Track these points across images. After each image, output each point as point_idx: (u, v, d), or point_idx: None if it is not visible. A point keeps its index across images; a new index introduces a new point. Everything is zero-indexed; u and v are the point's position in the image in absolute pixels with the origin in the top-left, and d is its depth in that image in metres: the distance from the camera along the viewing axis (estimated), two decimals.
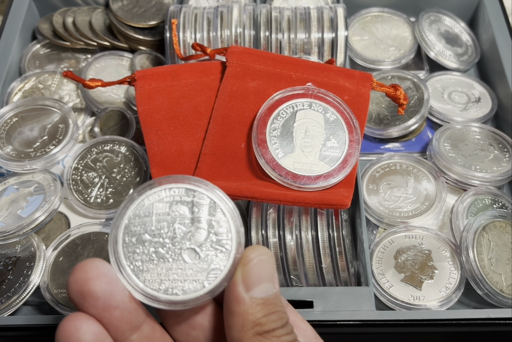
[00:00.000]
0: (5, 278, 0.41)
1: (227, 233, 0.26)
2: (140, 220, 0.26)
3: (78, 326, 0.23)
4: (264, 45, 0.50)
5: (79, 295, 0.23)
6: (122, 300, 0.24)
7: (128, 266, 0.25)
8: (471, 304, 0.43)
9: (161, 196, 0.26)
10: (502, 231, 0.43)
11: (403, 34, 0.59)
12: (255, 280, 0.24)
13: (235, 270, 0.25)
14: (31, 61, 0.56)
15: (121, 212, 0.26)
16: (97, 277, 0.23)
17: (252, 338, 0.23)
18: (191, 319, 0.26)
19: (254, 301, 0.24)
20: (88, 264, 0.24)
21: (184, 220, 0.26)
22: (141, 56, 0.56)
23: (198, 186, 0.26)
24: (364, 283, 0.40)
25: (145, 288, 0.25)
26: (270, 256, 0.25)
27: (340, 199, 0.38)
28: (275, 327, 0.24)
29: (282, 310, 0.25)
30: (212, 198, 0.26)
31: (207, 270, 0.25)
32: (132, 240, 0.25)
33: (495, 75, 0.55)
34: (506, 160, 0.48)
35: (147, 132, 0.41)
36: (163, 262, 0.25)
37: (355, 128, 0.39)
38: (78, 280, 0.23)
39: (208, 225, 0.26)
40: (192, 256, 0.25)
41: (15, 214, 0.43)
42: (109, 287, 0.23)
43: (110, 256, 0.25)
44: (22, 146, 0.48)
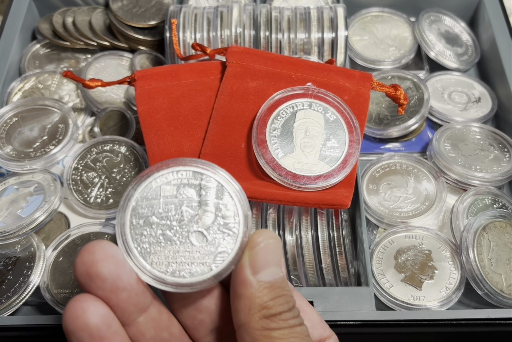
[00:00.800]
0: (5, 278, 0.41)
1: (235, 217, 0.25)
2: (147, 202, 0.25)
3: (85, 307, 0.23)
4: (264, 45, 0.50)
5: (86, 277, 0.23)
6: (129, 282, 0.24)
7: (135, 248, 0.25)
8: (471, 304, 0.42)
9: (169, 178, 0.26)
10: (502, 231, 0.43)
11: (403, 34, 0.59)
12: (262, 263, 0.24)
13: (242, 253, 0.25)
14: (31, 61, 0.56)
15: (129, 194, 0.26)
16: (104, 258, 0.23)
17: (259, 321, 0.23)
18: (197, 302, 0.26)
19: (261, 285, 0.24)
20: (96, 245, 0.23)
21: (191, 203, 0.26)
22: (141, 56, 0.56)
23: (206, 169, 0.26)
24: (364, 283, 0.40)
25: (152, 270, 0.25)
26: (277, 240, 0.25)
27: (340, 199, 0.38)
28: (282, 310, 0.24)
29: (289, 293, 0.25)
30: (219, 181, 0.26)
31: (214, 253, 0.25)
32: (140, 222, 0.25)
33: (495, 75, 0.55)
34: (506, 160, 0.48)
35: (147, 132, 0.41)
36: (170, 245, 0.25)
37: (355, 128, 0.39)
38: (85, 262, 0.23)
39: (216, 208, 0.25)
40: (199, 239, 0.25)
41: (15, 214, 0.43)
42: (116, 269, 0.23)
43: (118, 238, 0.25)
44: (22, 146, 0.48)
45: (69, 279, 0.42)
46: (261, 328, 0.23)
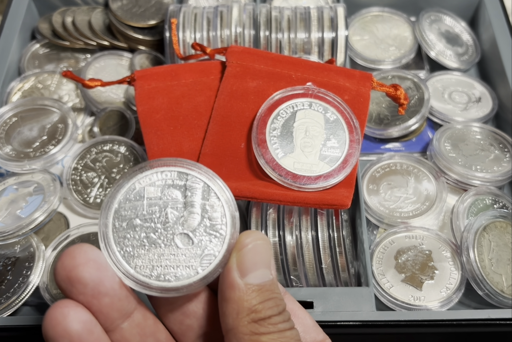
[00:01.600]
0: (4, 278, 0.41)
1: (222, 218, 0.25)
2: (130, 204, 0.25)
3: (66, 314, 0.22)
4: (264, 45, 0.50)
5: (66, 282, 0.22)
6: (111, 286, 0.23)
7: (118, 252, 0.24)
8: (472, 304, 0.42)
9: (153, 179, 0.25)
10: (502, 231, 0.43)
11: (403, 33, 0.59)
12: (250, 265, 0.23)
13: (230, 255, 0.24)
14: (31, 61, 0.56)
15: (111, 196, 0.25)
16: (85, 262, 0.22)
17: (247, 325, 0.23)
18: (184, 307, 0.25)
19: (250, 288, 0.23)
20: (76, 249, 0.23)
21: (176, 204, 0.25)
22: (140, 56, 0.55)
23: (191, 169, 0.25)
24: (365, 283, 0.40)
25: (136, 274, 0.24)
26: (266, 241, 0.24)
27: (340, 199, 0.38)
28: (271, 314, 0.23)
29: (278, 297, 0.24)
30: (205, 182, 0.25)
31: (201, 256, 0.24)
32: (123, 224, 0.24)
33: (496, 75, 0.55)
34: (507, 161, 0.48)
35: (147, 132, 0.41)
36: (154, 248, 0.24)
37: (355, 128, 0.39)
38: (66, 266, 0.22)
39: (202, 210, 0.25)
40: (185, 242, 0.24)
41: (14, 214, 0.43)
42: (98, 273, 0.23)
43: (100, 241, 0.24)
44: (22, 146, 0.47)
45: None
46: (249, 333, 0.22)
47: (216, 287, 0.25)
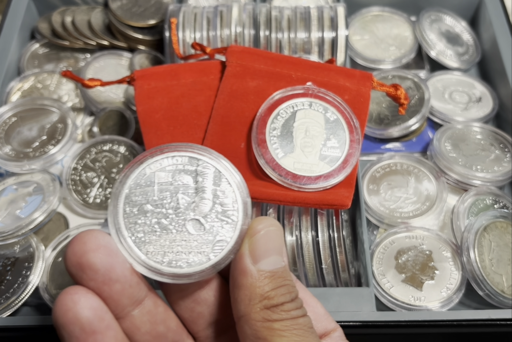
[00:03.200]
0: (4, 278, 0.41)
1: (233, 204, 0.24)
2: (141, 189, 0.24)
3: (76, 300, 0.21)
4: (264, 44, 0.50)
5: (77, 267, 0.22)
6: (123, 273, 0.23)
7: (129, 237, 0.24)
8: (472, 304, 0.42)
9: (163, 164, 0.25)
10: (503, 231, 0.43)
11: (403, 33, 0.59)
12: (262, 252, 0.23)
13: (241, 241, 0.24)
14: (30, 61, 0.56)
15: (121, 181, 0.24)
16: (96, 248, 0.22)
17: (259, 312, 0.22)
18: (195, 294, 0.25)
19: (262, 274, 0.23)
20: (87, 235, 0.22)
21: (187, 190, 0.24)
22: (140, 55, 0.55)
23: (202, 154, 0.25)
24: (365, 283, 0.40)
25: (148, 260, 0.23)
26: (278, 228, 0.24)
27: (340, 199, 0.38)
28: (284, 300, 0.23)
29: (291, 284, 0.24)
30: (216, 167, 0.25)
31: (213, 242, 0.24)
32: (133, 210, 0.24)
33: (496, 74, 0.55)
34: (507, 161, 0.48)
35: (146, 132, 0.41)
36: (166, 234, 0.24)
37: (355, 128, 0.39)
38: (76, 252, 0.22)
39: (213, 195, 0.24)
40: (196, 227, 0.24)
41: (13, 214, 0.43)
42: (109, 259, 0.22)
43: (110, 227, 0.24)
44: (21, 146, 0.47)
45: (69, 279, 0.41)
46: (262, 320, 0.22)
47: (227, 274, 0.25)
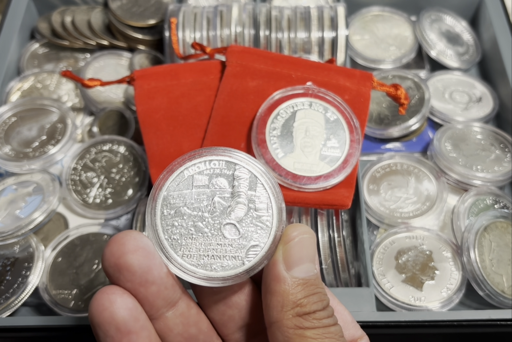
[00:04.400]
0: (4, 278, 0.41)
1: (268, 209, 0.25)
2: (179, 192, 0.25)
3: (113, 300, 0.22)
4: (264, 44, 0.50)
5: (114, 268, 0.22)
6: (159, 275, 0.23)
7: (166, 240, 0.24)
8: (472, 305, 0.42)
9: (201, 168, 0.25)
10: (503, 231, 0.43)
11: (404, 33, 0.59)
12: (296, 259, 0.23)
13: (275, 248, 0.24)
14: (30, 61, 0.56)
15: (160, 183, 0.25)
16: (135, 250, 0.22)
17: (292, 319, 0.22)
18: (227, 298, 0.25)
19: (295, 281, 0.23)
20: (126, 236, 0.22)
21: (224, 194, 0.25)
22: (140, 55, 0.55)
23: (239, 159, 0.25)
24: (365, 284, 0.40)
25: (183, 263, 0.24)
26: (312, 235, 0.24)
27: (340, 199, 0.38)
28: (316, 309, 0.23)
29: (323, 292, 0.24)
30: (253, 172, 0.25)
31: (247, 247, 0.24)
32: (171, 212, 0.24)
33: (497, 74, 0.55)
34: (508, 161, 0.48)
35: (146, 132, 0.41)
36: (202, 237, 0.24)
37: (355, 128, 0.39)
38: (114, 253, 0.22)
39: (249, 200, 0.25)
40: (231, 232, 0.24)
41: (13, 215, 0.43)
42: (146, 261, 0.22)
43: (148, 229, 0.24)
44: (21, 146, 0.47)
45: (68, 279, 0.41)
46: (294, 327, 0.22)
47: (258, 279, 0.25)
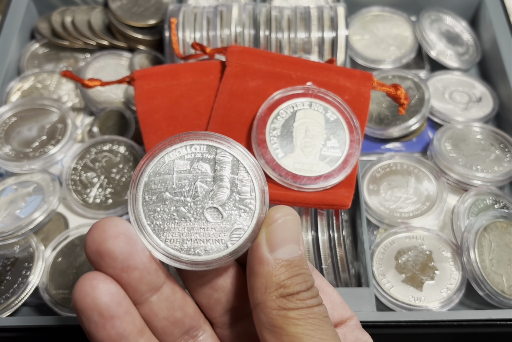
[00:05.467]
0: (4, 278, 0.41)
1: (251, 192, 0.25)
2: (160, 177, 0.25)
3: (95, 285, 0.22)
4: (264, 44, 0.50)
5: (96, 255, 0.22)
6: (141, 260, 0.23)
7: (148, 225, 0.24)
8: (472, 305, 0.42)
9: (182, 152, 0.25)
10: (503, 231, 0.43)
11: (403, 33, 0.59)
12: (279, 240, 0.23)
13: (259, 230, 0.24)
14: (30, 61, 0.56)
15: (141, 169, 0.25)
16: (116, 236, 0.22)
17: (275, 300, 0.22)
18: (213, 281, 0.26)
19: (278, 263, 0.23)
20: (107, 222, 0.23)
21: (206, 178, 0.25)
22: (140, 55, 0.55)
23: (220, 143, 0.25)
24: (365, 283, 0.40)
25: (167, 248, 0.24)
26: (295, 217, 0.24)
27: (340, 199, 0.38)
28: (299, 289, 0.23)
29: (307, 272, 0.24)
30: (235, 156, 0.25)
31: (230, 230, 0.24)
32: (152, 198, 0.24)
33: (497, 74, 0.55)
34: (507, 161, 0.48)
35: (146, 132, 0.41)
36: (184, 221, 0.24)
37: (355, 128, 0.39)
38: (95, 239, 0.22)
39: (231, 184, 0.25)
40: (214, 215, 0.24)
41: (13, 215, 0.43)
42: (128, 247, 0.23)
43: (130, 215, 0.24)
44: (21, 146, 0.47)
45: (68, 279, 0.41)
46: (277, 308, 0.22)
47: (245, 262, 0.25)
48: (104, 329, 0.22)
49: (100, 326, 0.22)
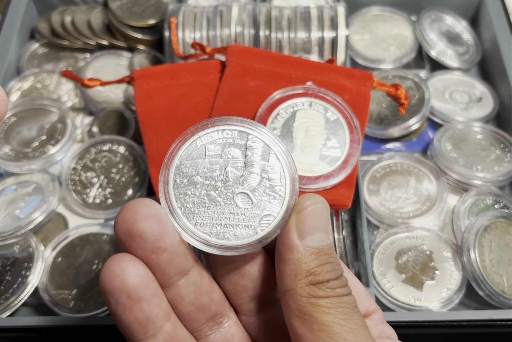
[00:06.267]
0: (3, 279, 0.41)
1: (281, 179, 0.24)
2: (192, 161, 0.25)
3: (124, 267, 0.22)
4: (264, 44, 0.50)
5: (126, 235, 0.22)
6: (171, 242, 0.23)
7: (179, 208, 0.24)
8: (473, 305, 0.42)
9: (214, 137, 0.25)
10: (503, 231, 0.43)
11: (404, 33, 0.59)
12: (309, 228, 0.23)
13: (288, 217, 0.24)
14: (30, 61, 0.56)
15: (173, 152, 0.24)
16: (147, 217, 0.22)
17: (305, 287, 0.22)
18: (240, 268, 0.25)
19: (308, 250, 0.23)
20: (138, 203, 0.22)
21: (236, 164, 0.25)
22: (140, 55, 0.55)
23: (252, 129, 0.25)
24: (365, 284, 0.40)
25: (196, 231, 0.24)
26: (325, 205, 0.24)
27: (340, 199, 0.38)
28: (329, 278, 0.23)
29: (336, 261, 0.24)
30: (266, 142, 0.25)
31: (260, 216, 0.24)
32: (184, 181, 0.24)
33: (497, 74, 0.54)
34: (508, 161, 0.48)
35: (146, 132, 0.41)
36: (215, 206, 0.24)
37: (355, 128, 0.39)
38: (127, 220, 0.22)
39: (262, 170, 0.25)
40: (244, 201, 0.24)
41: (13, 215, 0.43)
42: (159, 229, 0.22)
43: (161, 197, 0.24)
44: (21, 146, 0.47)
45: (68, 279, 0.41)
46: (307, 295, 0.22)
47: (272, 249, 0.25)
48: (132, 311, 0.22)
49: (128, 308, 0.22)
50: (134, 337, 0.23)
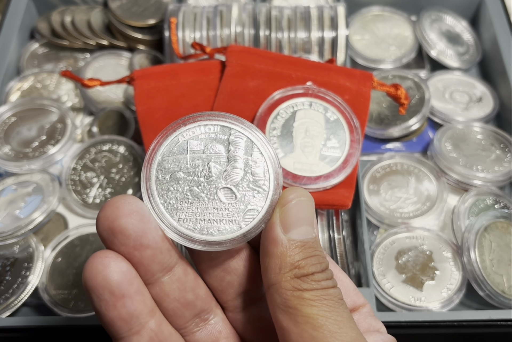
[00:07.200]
0: (3, 279, 0.41)
1: (264, 173, 0.24)
2: (174, 157, 0.24)
3: (106, 263, 0.22)
4: (264, 44, 0.50)
5: (108, 232, 0.22)
6: (154, 239, 0.23)
7: (162, 204, 0.24)
8: (473, 305, 0.42)
9: (196, 132, 0.25)
10: (503, 231, 0.43)
11: (404, 33, 0.59)
12: (293, 221, 0.23)
13: (272, 211, 0.24)
14: (30, 61, 0.56)
15: (154, 148, 0.24)
16: (129, 213, 0.22)
17: (290, 280, 0.22)
18: (226, 263, 0.25)
19: (293, 243, 0.23)
20: (120, 200, 0.22)
21: (219, 159, 0.24)
22: (140, 55, 0.55)
23: (234, 124, 0.25)
24: (365, 284, 0.40)
25: (180, 227, 0.24)
26: (309, 198, 0.24)
27: (340, 199, 0.38)
28: (314, 270, 0.23)
29: (321, 254, 0.23)
30: (249, 137, 0.25)
31: (244, 211, 0.24)
32: (166, 177, 0.24)
33: (497, 74, 0.54)
34: (508, 161, 0.48)
35: (146, 132, 0.41)
36: (198, 201, 0.24)
37: (355, 128, 0.39)
38: (108, 216, 0.22)
39: (245, 165, 0.24)
40: (228, 196, 0.24)
41: (13, 215, 0.43)
42: (141, 225, 0.22)
43: (143, 193, 0.24)
44: (20, 146, 0.47)
45: (68, 280, 0.41)
46: (292, 288, 0.22)
47: (257, 244, 0.25)
48: (115, 308, 0.22)
49: (111, 305, 0.22)
50: (119, 334, 0.22)
